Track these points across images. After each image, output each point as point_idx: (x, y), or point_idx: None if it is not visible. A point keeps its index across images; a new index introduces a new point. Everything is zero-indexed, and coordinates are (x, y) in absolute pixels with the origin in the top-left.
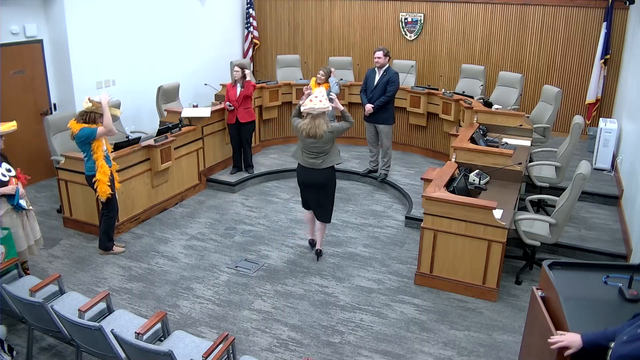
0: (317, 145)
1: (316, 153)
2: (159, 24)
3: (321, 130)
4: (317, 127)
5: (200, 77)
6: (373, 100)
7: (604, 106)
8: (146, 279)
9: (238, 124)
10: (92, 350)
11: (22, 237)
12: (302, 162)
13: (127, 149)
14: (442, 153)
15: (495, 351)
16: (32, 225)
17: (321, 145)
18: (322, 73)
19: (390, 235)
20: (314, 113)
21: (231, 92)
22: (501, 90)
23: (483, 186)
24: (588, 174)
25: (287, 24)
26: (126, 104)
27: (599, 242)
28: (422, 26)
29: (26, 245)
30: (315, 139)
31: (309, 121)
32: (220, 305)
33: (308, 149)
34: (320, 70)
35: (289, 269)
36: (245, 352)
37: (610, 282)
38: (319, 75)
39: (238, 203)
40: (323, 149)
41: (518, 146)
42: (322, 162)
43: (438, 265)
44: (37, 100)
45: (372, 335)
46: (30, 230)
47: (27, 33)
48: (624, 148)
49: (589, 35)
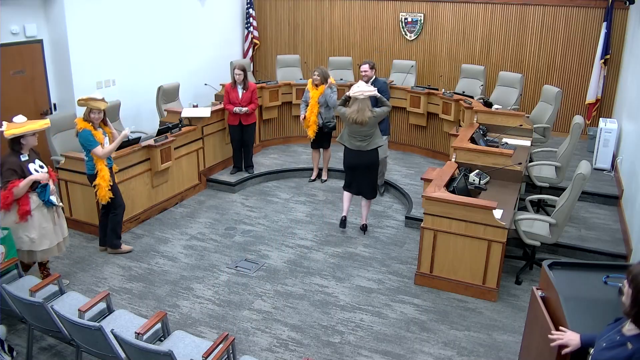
0: (362, 130)
1: (362, 137)
2: (159, 24)
3: (365, 116)
4: (362, 114)
5: (200, 77)
6: None
7: (604, 106)
8: (146, 279)
9: (241, 126)
10: (92, 350)
11: (52, 233)
12: (350, 145)
13: (127, 149)
14: (442, 153)
15: (495, 351)
16: (61, 222)
17: (366, 129)
18: (317, 74)
19: (390, 235)
20: (361, 97)
21: (232, 95)
22: (501, 90)
23: (483, 186)
24: (588, 174)
25: (287, 24)
26: (126, 104)
27: (599, 242)
28: (422, 26)
29: (56, 241)
30: (362, 125)
31: (355, 108)
32: (220, 305)
33: (354, 134)
34: (315, 71)
35: (289, 269)
36: (245, 352)
37: (610, 282)
38: (315, 77)
39: (238, 203)
40: (368, 133)
41: (518, 146)
42: (368, 145)
43: (438, 265)
44: (37, 100)
45: (372, 335)
46: (59, 227)
47: (27, 33)
48: (624, 148)
49: (589, 35)
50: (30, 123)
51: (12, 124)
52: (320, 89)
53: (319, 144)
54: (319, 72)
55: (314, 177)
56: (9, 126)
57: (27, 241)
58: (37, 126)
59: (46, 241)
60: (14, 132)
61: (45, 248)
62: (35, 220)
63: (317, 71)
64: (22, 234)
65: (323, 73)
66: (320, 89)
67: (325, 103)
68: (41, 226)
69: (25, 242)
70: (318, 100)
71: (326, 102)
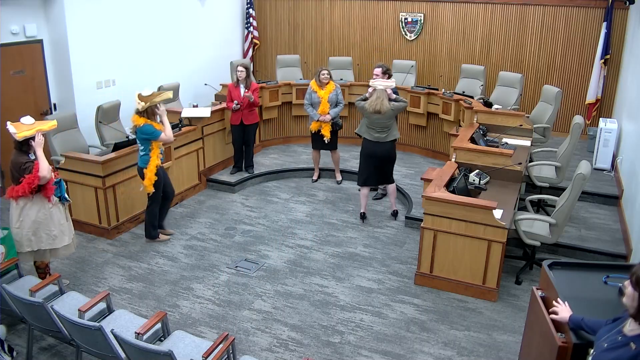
0: (381, 121)
1: (381, 128)
2: (159, 24)
3: (385, 106)
4: (381, 102)
5: (200, 77)
6: None
7: (604, 106)
8: (146, 279)
9: (242, 125)
10: (92, 350)
11: (68, 229)
12: (369, 136)
13: (127, 149)
14: (442, 153)
15: (495, 351)
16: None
17: (385, 120)
18: (327, 72)
19: (390, 235)
20: (380, 88)
21: (234, 93)
22: (501, 90)
23: (483, 186)
24: (588, 174)
25: (287, 24)
26: (126, 104)
27: (599, 242)
28: (422, 26)
29: (72, 237)
30: (380, 114)
31: (374, 97)
32: (220, 305)
33: (374, 125)
34: (323, 71)
35: (289, 269)
36: (245, 352)
37: (610, 282)
38: (325, 75)
39: (238, 203)
40: (386, 124)
41: (518, 146)
42: (387, 136)
43: (438, 265)
44: (37, 100)
45: (372, 335)
46: (70, 223)
47: (27, 33)
48: (624, 148)
49: (589, 35)
50: (40, 124)
51: (22, 125)
52: (329, 88)
53: (322, 145)
54: (328, 71)
55: (315, 177)
56: (19, 128)
57: (48, 239)
58: (47, 127)
59: (65, 237)
60: (25, 134)
61: (66, 244)
62: (55, 217)
63: (326, 70)
64: (42, 232)
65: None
66: (328, 88)
67: (334, 102)
68: (59, 222)
69: (45, 240)
70: (329, 99)
71: (336, 101)
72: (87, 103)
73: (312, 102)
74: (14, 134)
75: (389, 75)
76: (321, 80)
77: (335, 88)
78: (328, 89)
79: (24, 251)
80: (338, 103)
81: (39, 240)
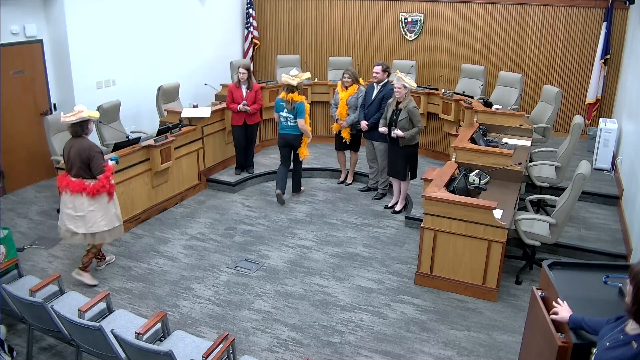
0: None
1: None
2: (159, 24)
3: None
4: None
5: (200, 77)
6: (368, 116)
7: (604, 106)
8: (146, 279)
9: (245, 125)
10: (92, 350)
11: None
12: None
13: (127, 149)
14: (442, 153)
15: (495, 351)
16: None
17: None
18: (348, 75)
19: (390, 235)
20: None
21: (236, 94)
22: (501, 90)
23: (483, 186)
24: (588, 174)
25: (287, 24)
26: (126, 104)
27: (599, 242)
28: (422, 26)
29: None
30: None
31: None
32: (220, 305)
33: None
34: (344, 73)
35: (289, 269)
36: (245, 352)
37: (610, 282)
38: (345, 79)
39: (238, 203)
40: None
41: (518, 146)
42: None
43: (438, 265)
44: (37, 100)
45: (372, 335)
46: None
47: (27, 33)
48: (624, 148)
49: (589, 35)
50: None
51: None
52: (350, 90)
53: (344, 145)
54: (349, 73)
55: (342, 178)
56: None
57: (117, 216)
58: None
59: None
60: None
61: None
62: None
63: (347, 73)
64: (113, 210)
65: (354, 74)
66: (350, 90)
67: (355, 105)
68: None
69: (114, 218)
70: (347, 101)
71: (355, 105)
72: (87, 103)
73: (337, 103)
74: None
75: (389, 74)
76: (343, 82)
77: (357, 91)
78: (349, 92)
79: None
80: (358, 107)
81: (111, 220)
